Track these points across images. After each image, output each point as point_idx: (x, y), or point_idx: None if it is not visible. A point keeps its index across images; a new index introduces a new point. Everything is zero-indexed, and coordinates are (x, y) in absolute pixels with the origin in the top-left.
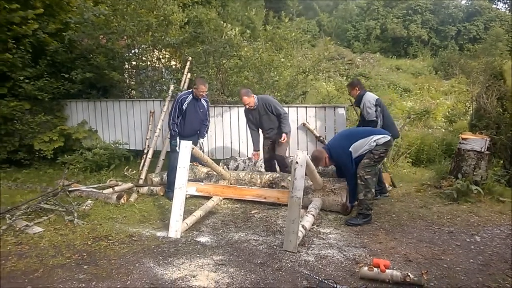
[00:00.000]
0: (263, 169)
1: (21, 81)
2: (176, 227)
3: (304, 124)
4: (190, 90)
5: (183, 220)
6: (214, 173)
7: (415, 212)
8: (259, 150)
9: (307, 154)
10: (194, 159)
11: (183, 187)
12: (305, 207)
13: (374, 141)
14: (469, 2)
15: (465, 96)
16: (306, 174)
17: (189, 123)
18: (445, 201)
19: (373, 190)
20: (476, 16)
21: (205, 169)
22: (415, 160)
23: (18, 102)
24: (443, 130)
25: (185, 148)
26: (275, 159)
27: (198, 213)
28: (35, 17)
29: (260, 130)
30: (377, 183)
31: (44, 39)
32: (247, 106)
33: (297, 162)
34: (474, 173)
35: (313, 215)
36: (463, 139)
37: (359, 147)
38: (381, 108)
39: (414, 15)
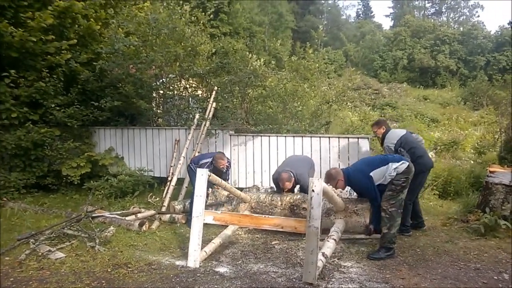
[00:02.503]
0: None
1: (53, 108)
2: (195, 256)
3: None
4: (211, 160)
5: (202, 248)
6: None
7: (440, 246)
8: None
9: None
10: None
11: (200, 216)
12: (327, 229)
13: (394, 169)
14: (499, 32)
15: (494, 127)
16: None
17: None
18: (472, 236)
19: (398, 223)
20: (505, 46)
21: (225, 192)
22: (442, 192)
23: (48, 129)
24: (472, 162)
25: (201, 176)
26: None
27: (217, 241)
28: (68, 47)
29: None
30: (411, 217)
31: (76, 68)
32: (286, 189)
33: (313, 191)
34: (503, 207)
35: (335, 240)
36: (491, 172)
37: (379, 175)
38: (404, 146)
39: (442, 46)
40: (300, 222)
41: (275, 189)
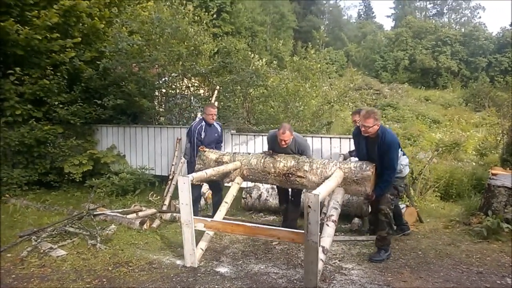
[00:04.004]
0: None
1: (56, 105)
2: (191, 260)
3: None
4: (201, 118)
5: (197, 245)
6: (224, 160)
7: (442, 249)
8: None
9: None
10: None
11: (190, 223)
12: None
13: (404, 166)
14: (501, 33)
15: (496, 129)
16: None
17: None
18: (474, 239)
19: (393, 226)
20: (507, 47)
21: (213, 156)
22: (444, 194)
23: (51, 126)
24: (474, 164)
25: (183, 184)
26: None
27: (211, 232)
28: (72, 46)
29: None
30: (373, 223)
31: (79, 67)
32: (283, 142)
33: (309, 207)
34: (505, 210)
35: (335, 222)
36: (493, 174)
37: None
38: None
39: (443, 46)
40: (297, 234)
41: (267, 148)
